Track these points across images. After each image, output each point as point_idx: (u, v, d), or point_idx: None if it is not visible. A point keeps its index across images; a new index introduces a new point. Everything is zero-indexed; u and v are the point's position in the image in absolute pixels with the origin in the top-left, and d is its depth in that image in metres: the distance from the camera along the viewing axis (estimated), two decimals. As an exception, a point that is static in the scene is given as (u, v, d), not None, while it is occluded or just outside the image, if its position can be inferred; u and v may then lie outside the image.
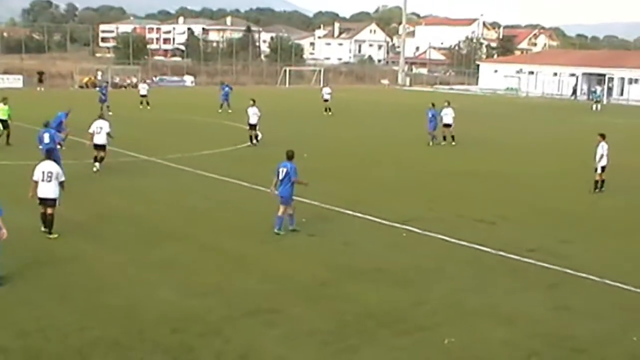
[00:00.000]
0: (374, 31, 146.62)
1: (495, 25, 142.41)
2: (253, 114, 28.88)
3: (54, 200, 15.19)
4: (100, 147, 22.72)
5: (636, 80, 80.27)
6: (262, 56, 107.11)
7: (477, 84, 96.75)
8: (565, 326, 11.23)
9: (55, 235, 15.15)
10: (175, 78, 79.66)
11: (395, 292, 12.49)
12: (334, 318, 11.16)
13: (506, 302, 12.21)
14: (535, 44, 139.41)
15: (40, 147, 20.84)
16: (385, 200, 20.24)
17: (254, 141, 29.34)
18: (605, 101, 75.24)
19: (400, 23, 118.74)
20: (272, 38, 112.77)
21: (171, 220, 17.15)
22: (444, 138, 32.58)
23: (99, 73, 70.88)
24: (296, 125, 37.68)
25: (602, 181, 22.01)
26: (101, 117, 23.74)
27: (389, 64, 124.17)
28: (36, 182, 15.13)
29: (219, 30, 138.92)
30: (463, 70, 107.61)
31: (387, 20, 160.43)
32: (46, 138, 21.03)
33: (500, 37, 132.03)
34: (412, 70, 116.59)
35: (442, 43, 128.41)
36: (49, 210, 15.19)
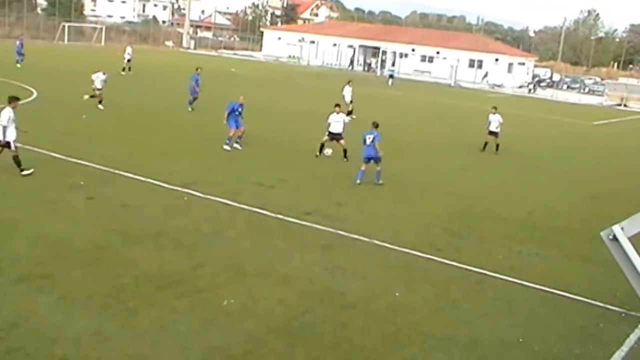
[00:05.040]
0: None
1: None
2: (335, 122, 23.61)
3: None
4: None
5: (406, 55, 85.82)
6: (39, 9, 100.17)
7: (261, 50, 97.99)
8: (336, 284, 11.92)
9: None
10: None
11: (174, 255, 12.50)
12: (111, 282, 10.96)
13: (283, 263, 12.70)
14: (317, 15, 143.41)
15: None
16: (165, 164, 20.03)
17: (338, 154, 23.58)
18: (378, 73, 79.54)
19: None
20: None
21: None
22: None
23: None
24: (73, 83, 35.98)
25: (497, 145, 27.59)
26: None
27: (173, 26, 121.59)
28: None
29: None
30: (248, 36, 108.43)
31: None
32: None
33: (285, 5, 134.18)
34: (197, 33, 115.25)
35: (227, 8, 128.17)
36: None
